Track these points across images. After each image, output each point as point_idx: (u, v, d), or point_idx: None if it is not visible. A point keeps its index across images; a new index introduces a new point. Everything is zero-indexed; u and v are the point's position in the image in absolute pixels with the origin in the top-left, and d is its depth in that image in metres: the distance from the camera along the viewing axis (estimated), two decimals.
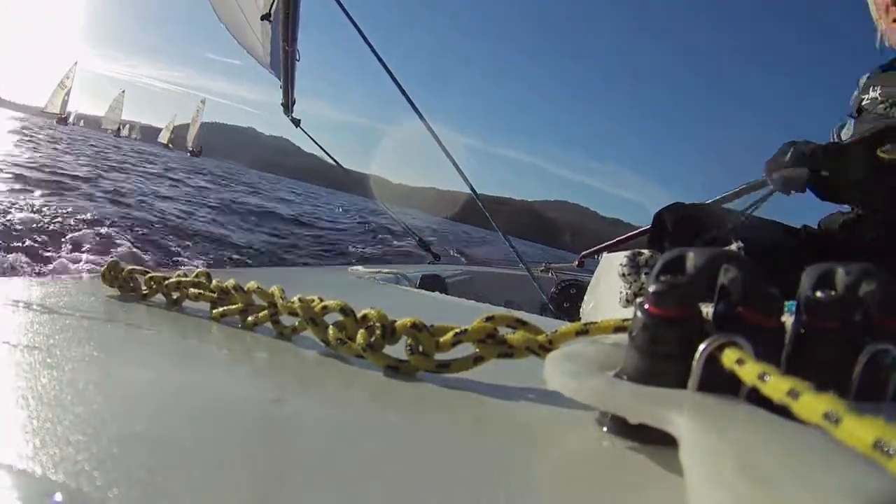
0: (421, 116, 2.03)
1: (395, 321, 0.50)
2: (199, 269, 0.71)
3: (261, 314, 0.61)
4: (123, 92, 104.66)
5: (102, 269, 0.75)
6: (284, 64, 2.66)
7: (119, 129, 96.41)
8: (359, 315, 0.52)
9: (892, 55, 1.47)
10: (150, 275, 0.72)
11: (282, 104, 2.91)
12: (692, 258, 0.35)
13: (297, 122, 2.99)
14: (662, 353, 0.34)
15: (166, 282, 0.70)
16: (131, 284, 0.74)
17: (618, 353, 0.39)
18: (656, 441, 0.33)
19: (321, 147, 3.23)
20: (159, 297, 0.72)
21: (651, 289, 0.35)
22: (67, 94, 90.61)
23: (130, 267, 0.75)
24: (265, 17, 2.53)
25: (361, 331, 0.51)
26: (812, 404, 0.24)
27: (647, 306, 0.35)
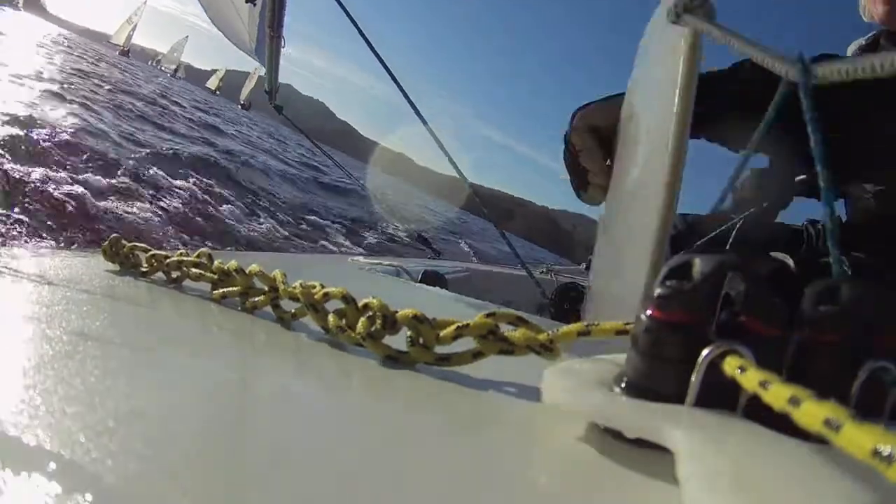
0: (418, 113, 2.02)
1: (397, 312, 0.50)
2: (200, 250, 0.71)
3: (261, 298, 0.61)
4: (187, 37, 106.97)
5: (104, 244, 0.75)
6: (270, 51, 2.63)
7: (176, 70, 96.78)
8: (360, 304, 0.52)
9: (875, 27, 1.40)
10: (151, 252, 0.72)
11: (265, 91, 2.89)
12: (698, 264, 0.36)
13: (280, 109, 2.98)
14: (664, 357, 0.35)
15: (167, 260, 0.70)
16: (132, 261, 0.74)
17: (616, 370, 0.39)
18: (655, 444, 0.34)
19: (311, 139, 3.24)
20: (160, 275, 0.72)
21: (656, 293, 0.35)
22: (133, 29, 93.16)
23: (132, 244, 0.75)
24: (249, 0, 2.50)
25: (362, 319, 0.51)
26: (813, 411, 0.24)
27: (649, 310, 0.35)
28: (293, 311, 0.59)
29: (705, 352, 0.33)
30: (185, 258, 0.69)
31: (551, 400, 0.38)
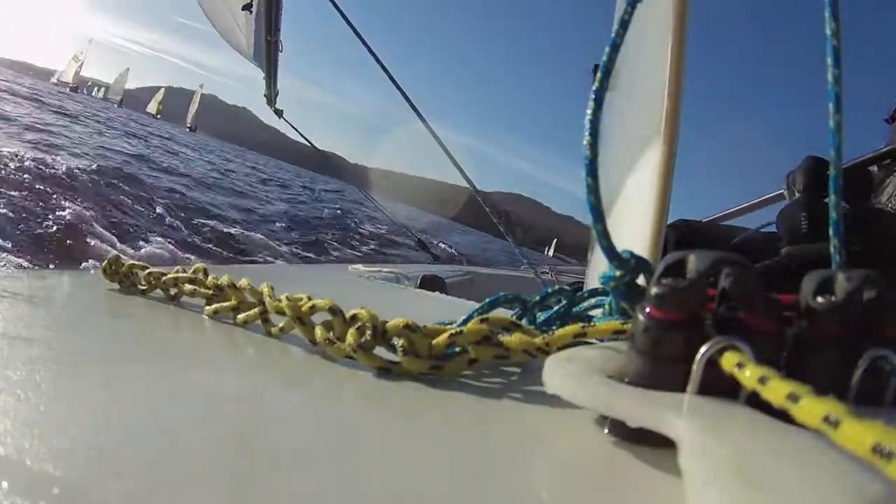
0: (421, 116, 2.02)
1: (387, 322, 0.49)
2: (196, 265, 0.71)
3: (250, 312, 0.60)
4: (128, 69, 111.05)
5: (104, 263, 0.75)
6: (267, 55, 2.65)
7: (122, 100, 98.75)
8: (348, 315, 0.51)
9: None
10: (148, 270, 0.72)
11: (264, 95, 2.90)
12: (693, 262, 0.35)
13: (279, 113, 2.99)
14: (663, 356, 0.34)
15: (164, 278, 0.70)
16: (131, 279, 0.74)
17: (618, 357, 0.38)
18: (656, 443, 0.33)
19: (305, 138, 3.20)
20: (159, 291, 0.72)
21: (652, 292, 0.35)
22: (80, 66, 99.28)
23: (131, 262, 0.75)
24: (246, 7, 2.53)
25: (352, 331, 0.49)
26: (812, 408, 0.23)
27: (648, 309, 0.35)
28: (281, 325, 0.58)
29: (704, 348, 0.32)
30: (181, 274, 0.69)
31: (553, 389, 0.37)
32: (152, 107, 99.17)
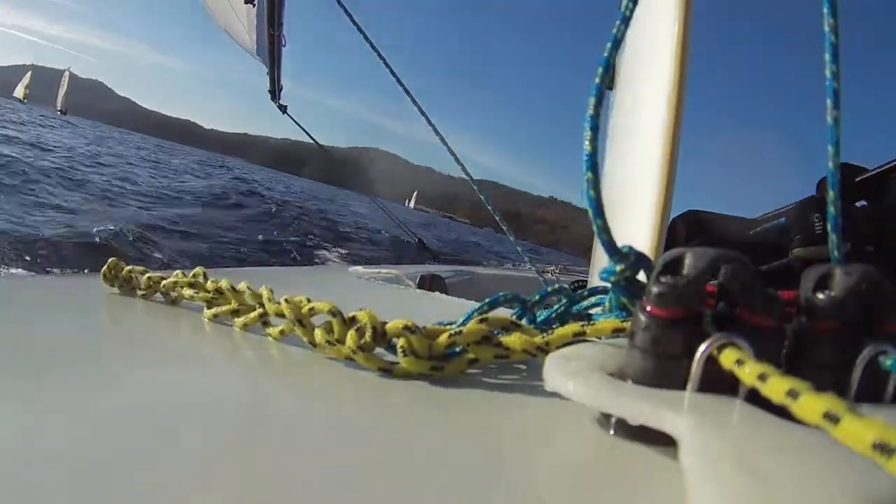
0: (418, 106, 2.01)
1: (387, 323, 0.49)
2: (196, 269, 0.71)
3: (250, 315, 0.60)
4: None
5: (103, 267, 0.75)
6: (270, 49, 2.66)
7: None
8: (348, 316, 0.51)
9: None
10: (148, 274, 0.73)
11: (268, 91, 2.88)
12: (691, 259, 0.35)
13: (283, 109, 2.96)
14: (663, 353, 0.34)
15: (163, 281, 0.70)
16: (131, 283, 0.74)
17: (618, 354, 0.38)
18: (658, 442, 0.33)
19: (307, 132, 3.15)
20: (158, 295, 0.72)
21: (652, 290, 0.35)
22: None
23: (130, 266, 0.75)
24: (248, 1, 2.54)
25: (352, 332, 0.49)
26: (812, 404, 0.23)
27: (647, 307, 0.35)
28: (281, 327, 0.58)
29: (703, 345, 0.32)
30: (180, 278, 0.69)
31: (553, 387, 0.37)
32: (19, 91, 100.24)
